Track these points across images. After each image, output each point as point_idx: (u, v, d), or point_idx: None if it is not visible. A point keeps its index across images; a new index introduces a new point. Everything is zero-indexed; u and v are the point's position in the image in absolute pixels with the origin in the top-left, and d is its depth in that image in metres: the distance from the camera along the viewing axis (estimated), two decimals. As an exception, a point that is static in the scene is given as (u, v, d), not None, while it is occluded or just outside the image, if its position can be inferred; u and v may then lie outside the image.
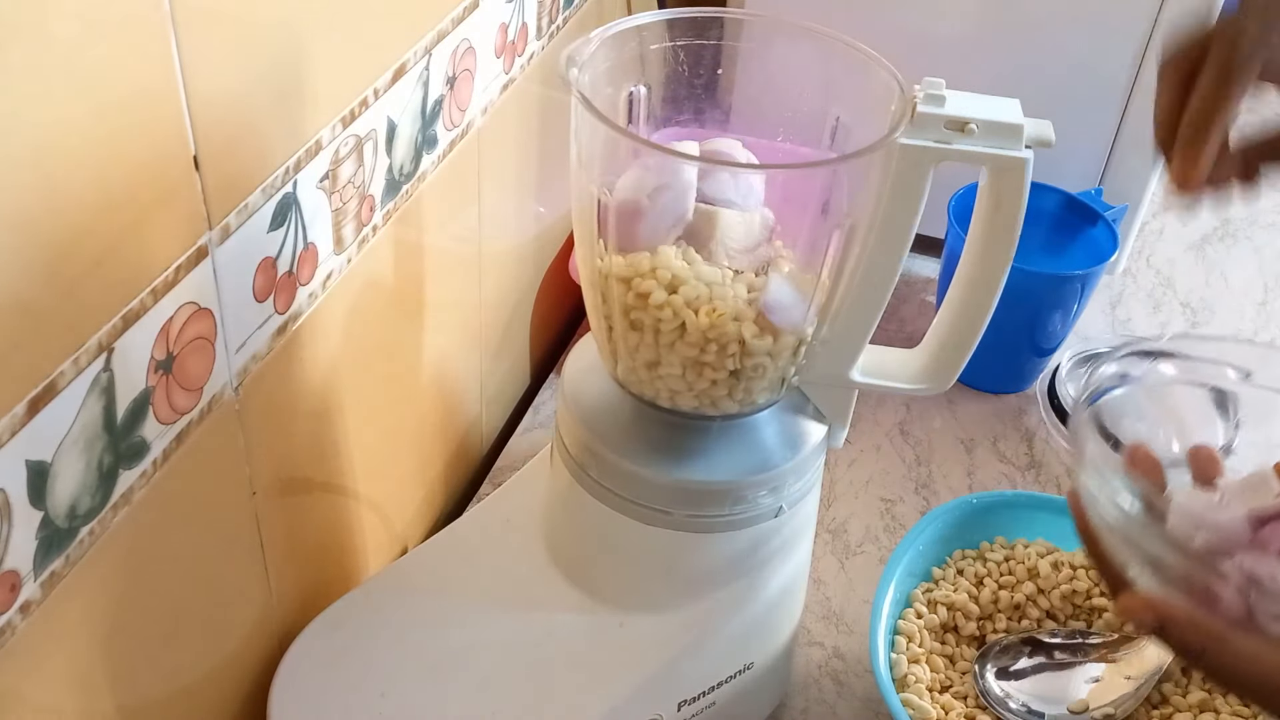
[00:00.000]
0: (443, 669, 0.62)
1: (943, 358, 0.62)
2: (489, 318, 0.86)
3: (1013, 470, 0.91)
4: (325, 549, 0.69)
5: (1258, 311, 1.10)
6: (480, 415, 0.89)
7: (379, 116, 0.61)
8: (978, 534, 0.77)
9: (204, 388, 0.52)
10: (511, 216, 0.86)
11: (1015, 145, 0.54)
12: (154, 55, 0.44)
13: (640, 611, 0.63)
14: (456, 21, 0.67)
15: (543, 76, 0.84)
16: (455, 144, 0.72)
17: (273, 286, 0.56)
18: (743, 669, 0.65)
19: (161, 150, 0.46)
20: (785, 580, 0.65)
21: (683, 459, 0.59)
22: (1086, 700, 0.68)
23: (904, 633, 0.71)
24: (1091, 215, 0.98)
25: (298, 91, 0.54)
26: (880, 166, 0.54)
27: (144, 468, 0.49)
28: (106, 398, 0.45)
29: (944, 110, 0.53)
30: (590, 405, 0.61)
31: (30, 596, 0.44)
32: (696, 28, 0.57)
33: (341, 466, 0.68)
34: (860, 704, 0.74)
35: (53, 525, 0.44)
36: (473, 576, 0.66)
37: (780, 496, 0.60)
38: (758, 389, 0.57)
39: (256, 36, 0.50)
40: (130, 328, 0.46)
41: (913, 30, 1.00)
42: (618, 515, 0.60)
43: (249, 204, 0.52)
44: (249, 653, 0.63)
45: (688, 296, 0.53)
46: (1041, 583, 0.73)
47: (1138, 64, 0.96)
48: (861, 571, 0.82)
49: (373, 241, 0.64)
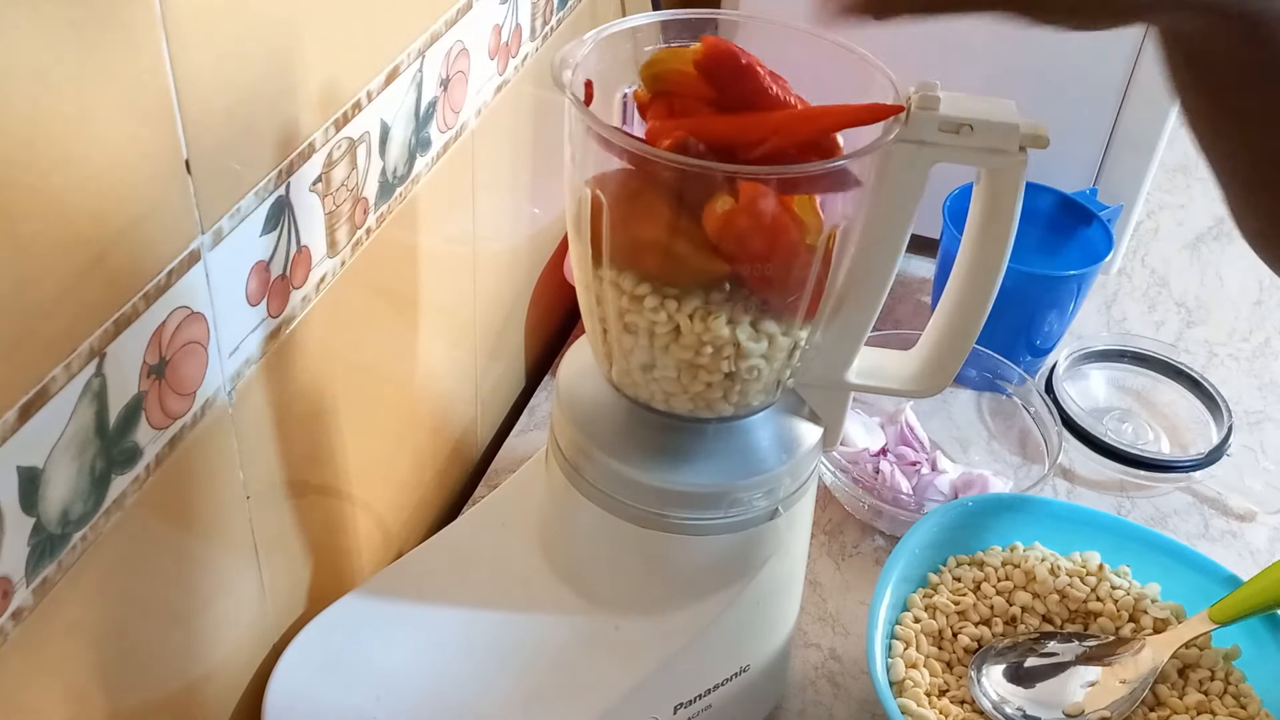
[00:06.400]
0: (437, 672, 0.62)
1: (938, 359, 0.62)
2: (484, 320, 0.86)
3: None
4: (320, 553, 0.68)
5: (1252, 311, 1.10)
6: (475, 417, 0.89)
7: (372, 119, 0.61)
8: (974, 536, 0.77)
9: (197, 392, 0.52)
10: (506, 218, 0.86)
11: (1010, 146, 0.54)
12: (145, 59, 0.44)
13: (636, 614, 0.62)
14: (450, 23, 0.67)
15: (536, 78, 0.83)
16: (449, 146, 0.72)
17: (266, 290, 0.55)
18: (739, 671, 0.65)
19: (153, 154, 0.45)
20: (781, 582, 0.65)
21: (678, 461, 0.59)
22: (1082, 704, 0.68)
23: (901, 637, 0.71)
24: (1086, 215, 0.98)
25: (290, 94, 0.54)
26: (876, 168, 0.53)
27: (137, 473, 0.49)
28: (98, 403, 0.45)
29: (939, 111, 0.53)
30: (585, 408, 0.61)
31: (22, 603, 0.44)
32: (690, 29, 0.57)
33: (336, 470, 0.68)
34: (857, 706, 0.74)
35: (45, 531, 0.44)
36: (468, 579, 0.66)
37: (775, 499, 0.60)
38: (752, 391, 0.57)
39: (249, 39, 0.50)
40: (122, 333, 0.46)
41: (907, 31, 0.99)
42: (613, 518, 0.60)
43: (241, 207, 0.52)
44: (243, 657, 0.62)
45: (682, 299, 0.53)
46: (1037, 587, 0.73)
47: (1132, 64, 0.96)
48: (858, 573, 0.82)
49: (367, 244, 0.64)
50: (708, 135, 0.51)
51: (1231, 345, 1.06)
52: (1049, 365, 0.98)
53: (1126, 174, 1.01)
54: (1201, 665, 0.70)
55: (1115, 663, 0.69)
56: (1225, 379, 1.00)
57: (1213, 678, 0.70)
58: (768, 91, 0.52)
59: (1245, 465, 0.93)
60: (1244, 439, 0.95)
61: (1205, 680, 0.70)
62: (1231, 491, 0.91)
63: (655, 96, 0.54)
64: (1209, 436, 0.94)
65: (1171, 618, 0.72)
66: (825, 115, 0.52)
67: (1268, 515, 0.89)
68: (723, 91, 0.52)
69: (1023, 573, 0.74)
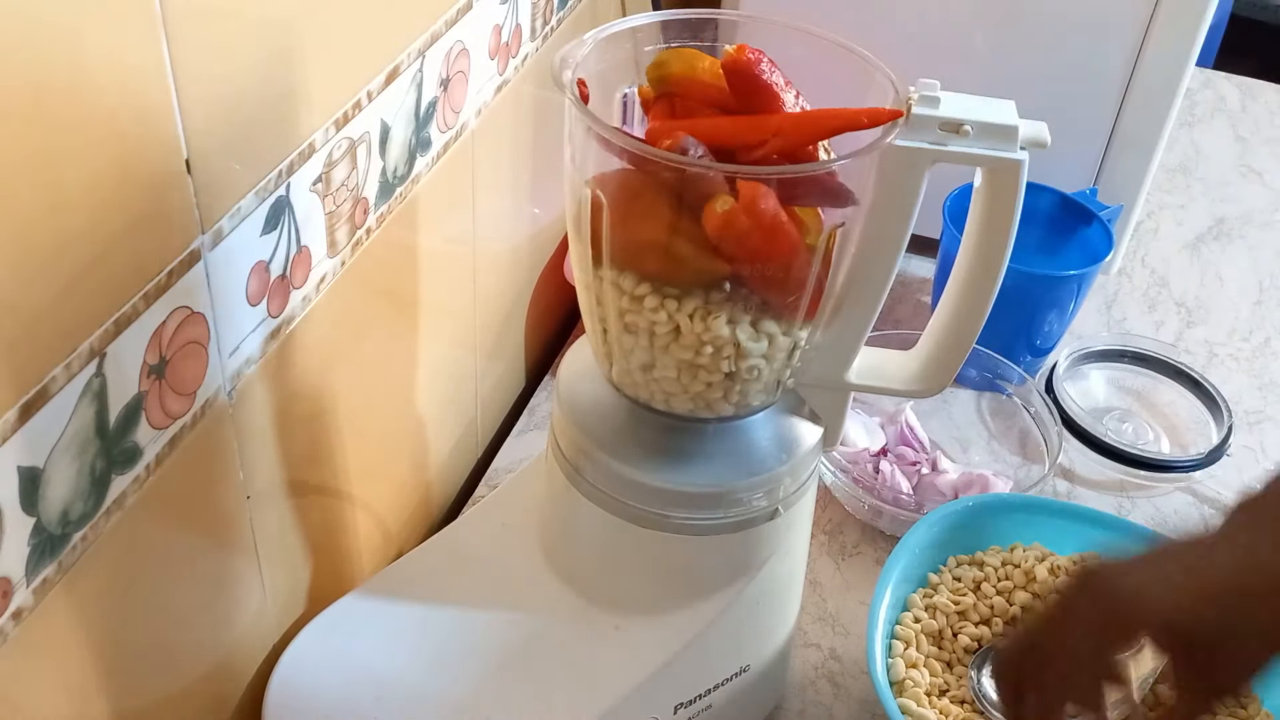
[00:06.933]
0: (437, 672, 0.62)
1: (938, 359, 0.62)
2: (484, 320, 0.86)
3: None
4: (320, 552, 0.68)
5: (1252, 311, 1.10)
6: (475, 417, 0.89)
7: (372, 119, 0.61)
8: (974, 536, 0.77)
9: (197, 392, 0.52)
10: (506, 218, 0.86)
11: (1010, 147, 0.54)
12: (145, 59, 0.44)
13: (636, 614, 0.62)
14: (450, 23, 0.67)
15: (537, 78, 0.83)
16: (449, 146, 0.72)
17: (266, 290, 0.55)
18: (739, 671, 0.65)
19: (153, 154, 0.45)
20: (781, 582, 0.65)
21: (678, 462, 0.59)
22: (1083, 702, 0.68)
23: (901, 637, 0.71)
24: (1086, 215, 0.98)
25: (290, 94, 0.54)
26: (875, 168, 0.53)
27: (137, 473, 0.49)
28: (99, 403, 0.45)
29: (939, 112, 0.53)
30: (585, 408, 0.61)
31: (23, 603, 0.44)
32: (690, 29, 0.57)
33: (336, 470, 0.68)
34: (858, 706, 0.74)
35: (45, 531, 0.44)
36: (468, 580, 0.66)
37: (776, 499, 0.60)
38: (752, 392, 0.57)
39: (249, 39, 0.50)
40: (122, 333, 0.46)
41: (907, 31, 1.00)
42: (613, 518, 0.60)
43: (242, 208, 0.52)
44: (244, 657, 0.62)
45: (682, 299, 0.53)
46: (1038, 587, 0.73)
47: (1132, 65, 0.96)
48: (858, 573, 0.82)
49: (367, 244, 0.64)
50: (708, 136, 0.52)
51: (1231, 345, 1.06)
52: (1049, 365, 0.98)
53: (1126, 174, 1.01)
54: (1201, 665, 0.70)
55: (1115, 663, 0.69)
56: (1225, 379, 1.00)
57: (1213, 678, 0.70)
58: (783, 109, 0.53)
59: (1245, 465, 0.93)
60: (1244, 439, 0.95)
61: (1205, 680, 0.70)
62: (1231, 491, 0.91)
63: (659, 97, 0.54)
64: (1209, 436, 0.94)
65: (1171, 618, 0.72)
66: (825, 119, 0.52)
67: (1268, 515, 0.89)
68: (743, 101, 0.52)
69: (1023, 573, 0.74)
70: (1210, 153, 1.32)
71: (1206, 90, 1.42)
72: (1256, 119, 1.38)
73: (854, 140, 0.52)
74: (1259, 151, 1.32)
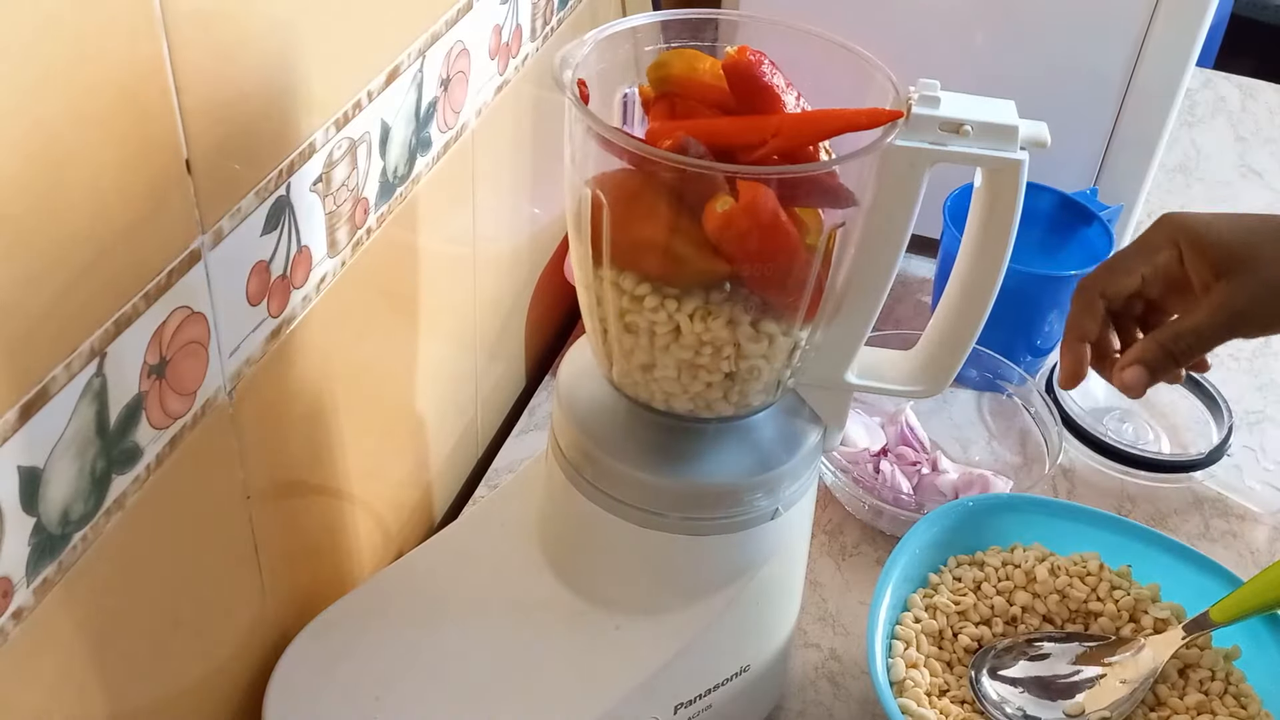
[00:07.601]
0: (438, 673, 0.62)
1: (938, 359, 0.62)
2: (484, 320, 0.86)
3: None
4: (320, 552, 0.68)
5: (1253, 311, 1.09)
6: (475, 417, 0.89)
7: (373, 119, 0.61)
8: (974, 536, 0.77)
9: (197, 392, 0.52)
10: (506, 218, 0.86)
11: (1010, 147, 0.54)
12: (145, 59, 0.44)
13: (636, 614, 0.62)
14: (450, 23, 0.67)
15: (537, 78, 0.83)
16: (449, 146, 0.72)
17: (266, 290, 0.55)
18: (739, 671, 0.65)
19: (153, 154, 0.45)
20: (781, 582, 0.65)
21: (678, 461, 0.59)
22: (1083, 704, 0.67)
23: (901, 637, 0.71)
24: (1087, 215, 0.98)
25: (291, 94, 0.54)
26: (875, 169, 0.53)
27: (137, 473, 0.49)
28: (99, 403, 0.45)
29: (939, 112, 0.53)
30: (585, 408, 0.61)
31: (23, 603, 0.44)
32: (691, 29, 0.57)
33: (336, 469, 0.68)
34: (858, 706, 0.74)
35: (45, 531, 0.44)
36: (468, 580, 0.66)
37: (776, 498, 0.60)
38: (753, 391, 0.57)
39: (249, 39, 0.50)
40: (123, 333, 0.46)
41: (907, 31, 1.00)
42: (613, 518, 0.60)
43: (242, 207, 0.52)
44: (243, 657, 0.62)
45: (682, 299, 0.53)
46: (1038, 587, 0.73)
47: (1132, 64, 0.96)
48: (858, 573, 0.82)
49: (367, 244, 0.64)
50: (708, 136, 0.52)
51: (1231, 345, 1.05)
52: (1049, 365, 0.98)
53: (1126, 174, 1.01)
54: (1202, 665, 0.70)
55: (1116, 663, 0.69)
56: (1225, 379, 1.00)
57: (1213, 678, 0.70)
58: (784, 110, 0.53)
59: (1245, 465, 0.93)
60: (1244, 439, 0.95)
61: (1205, 680, 0.70)
62: (1231, 491, 0.91)
63: (659, 97, 0.54)
64: (1209, 436, 0.94)
65: (1172, 618, 0.72)
66: (825, 119, 0.52)
67: (1268, 515, 0.89)
68: (743, 103, 0.52)
69: (1023, 573, 0.74)
70: (1210, 153, 1.32)
71: (1206, 90, 1.42)
72: (1256, 119, 1.38)
73: (854, 140, 0.52)
74: (1259, 151, 1.32)
